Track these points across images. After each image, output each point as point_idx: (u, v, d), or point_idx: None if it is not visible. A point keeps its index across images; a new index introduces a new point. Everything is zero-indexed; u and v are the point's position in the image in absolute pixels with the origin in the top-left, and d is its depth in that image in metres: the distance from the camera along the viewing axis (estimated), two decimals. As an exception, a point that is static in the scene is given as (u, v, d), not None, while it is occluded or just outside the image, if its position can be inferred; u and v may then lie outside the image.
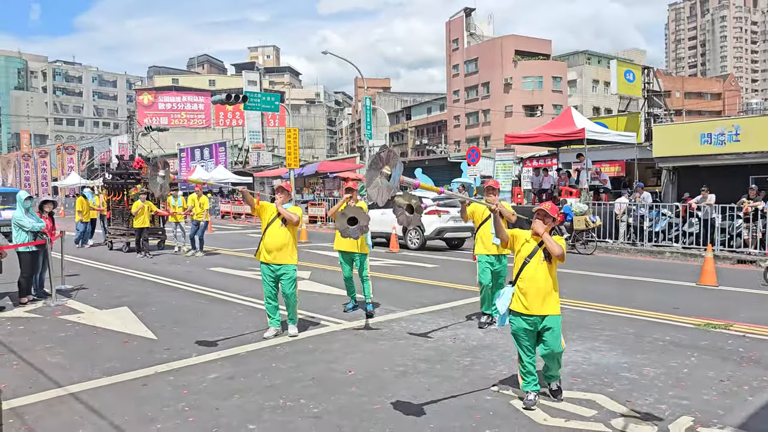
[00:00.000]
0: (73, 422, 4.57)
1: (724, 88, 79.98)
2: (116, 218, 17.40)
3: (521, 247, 4.85)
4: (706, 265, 11.03)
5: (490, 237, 7.11)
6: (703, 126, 19.35)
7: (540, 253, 4.73)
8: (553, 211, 4.82)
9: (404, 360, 6.16)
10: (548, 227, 4.78)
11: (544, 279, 4.70)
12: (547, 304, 4.70)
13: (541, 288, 4.69)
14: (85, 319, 8.16)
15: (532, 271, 4.73)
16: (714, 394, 5.15)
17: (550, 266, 4.73)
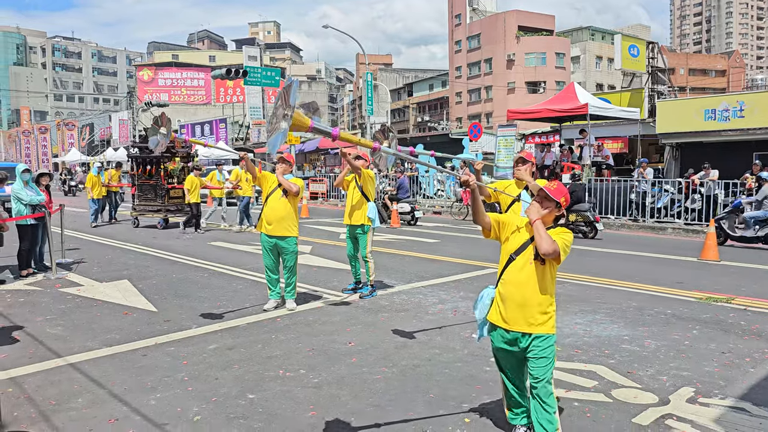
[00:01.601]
0: (72, 391, 4.56)
1: (729, 65, 79.26)
2: (146, 194, 16.61)
3: (510, 237, 3.59)
4: (708, 240, 10.99)
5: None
6: (708, 102, 19.18)
7: (531, 249, 3.45)
8: (558, 192, 3.49)
9: (405, 332, 6.14)
10: (547, 214, 3.49)
11: (531, 285, 3.42)
12: (532, 319, 3.43)
13: (527, 297, 3.42)
14: (85, 292, 8.15)
15: (516, 272, 3.48)
16: (715, 365, 5.13)
17: (543, 268, 3.43)
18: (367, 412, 4.16)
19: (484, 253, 11.02)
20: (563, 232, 3.48)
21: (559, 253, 3.35)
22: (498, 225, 3.64)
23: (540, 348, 3.42)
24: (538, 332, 3.43)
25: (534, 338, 3.43)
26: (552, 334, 3.47)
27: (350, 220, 7.71)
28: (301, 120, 3.37)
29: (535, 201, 3.55)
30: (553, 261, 3.42)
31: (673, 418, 4.07)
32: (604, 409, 4.20)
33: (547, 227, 3.47)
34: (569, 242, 3.45)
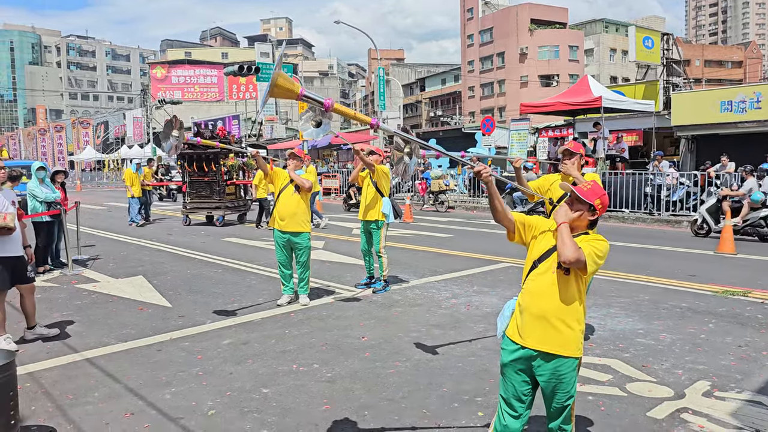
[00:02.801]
0: (89, 385, 4.62)
1: (745, 56, 78.22)
2: (199, 191, 16.18)
3: (535, 243, 3.11)
4: (724, 233, 10.87)
5: None
6: (724, 93, 18.94)
7: (555, 256, 2.94)
8: (593, 194, 2.98)
9: (418, 326, 6.14)
10: (577, 218, 2.99)
11: (551, 296, 2.92)
12: (550, 336, 2.91)
13: (545, 309, 2.92)
14: (101, 288, 8.22)
15: (537, 280, 2.99)
16: (732, 359, 5.08)
17: (567, 279, 2.92)
18: (380, 406, 4.17)
19: (496, 247, 10.97)
20: (595, 240, 2.96)
21: (584, 262, 2.83)
22: (523, 227, 3.14)
23: (558, 374, 2.92)
24: (556, 352, 2.90)
25: (552, 360, 2.92)
26: (575, 357, 2.94)
27: (364, 215, 7.72)
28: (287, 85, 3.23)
29: (565, 202, 3.08)
30: (579, 271, 2.90)
31: (688, 411, 4.04)
32: (619, 403, 4.18)
33: (579, 233, 3.00)
34: (602, 251, 2.91)
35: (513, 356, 3.02)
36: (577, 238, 2.94)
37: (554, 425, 3.07)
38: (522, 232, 3.15)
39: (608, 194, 5.03)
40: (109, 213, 20.63)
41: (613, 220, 15.96)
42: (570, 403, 3.00)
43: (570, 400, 2.99)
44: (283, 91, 3.22)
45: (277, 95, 3.27)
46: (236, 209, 16.29)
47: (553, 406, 3.01)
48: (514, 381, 3.03)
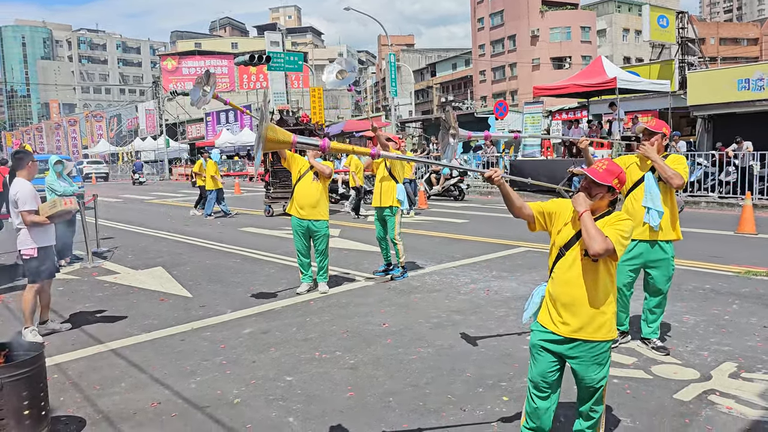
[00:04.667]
0: (114, 376, 4.67)
1: (761, 33, 76.78)
2: (282, 180, 15.32)
3: (559, 231, 3.05)
4: (744, 213, 10.74)
5: (641, 212, 4.66)
6: (741, 71, 18.62)
7: (580, 243, 2.91)
8: (609, 174, 2.90)
9: (438, 312, 6.14)
10: (597, 202, 2.92)
11: (581, 284, 2.91)
12: (586, 325, 2.91)
13: (576, 297, 2.91)
14: (121, 279, 8.30)
15: (565, 269, 2.97)
16: (757, 340, 5.03)
17: (596, 265, 2.89)
18: (405, 392, 4.18)
19: (514, 232, 10.92)
20: (618, 221, 2.90)
21: (613, 250, 2.77)
22: (543, 216, 3.11)
23: (593, 358, 2.93)
24: (591, 338, 2.91)
25: (586, 345, 2.93)
26: (608, 339, 2.95)
27: (379, 202, 7.70)
28: (277, 137, 3.05)
29: (582, 187, 2.97)
30: (608, 257, 2.87)
31: (716, 393, 4.00)
32: (645, 386, 4.15)
33: (600, 214, 2.95)
34: (627, 231, 2.86)
35: (544, 339, 3.03)
36: (599, 221, 2.90)
37: (585, 408, 3.08)
38: (543, 221, 3.12)
39: (624, 176, 4.75)
40: (125, 205, 20.78)
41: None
42: (603, 385, 3.00)
43: (603, 381, 2.99)
44: (276, 144, 3.11)
45: (271, 149, 3.14)
46: None
47: (587, 389, 3.01)
48: (542, 362, 3.03)
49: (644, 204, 4.64)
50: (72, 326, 6.03)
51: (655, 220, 4.60)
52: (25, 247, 5.56)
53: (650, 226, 4.64)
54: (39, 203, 5.65)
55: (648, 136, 4.62)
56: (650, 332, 4.85)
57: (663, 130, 4.64)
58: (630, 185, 4.75)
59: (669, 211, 4.66)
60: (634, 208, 4.70)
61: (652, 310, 4.85)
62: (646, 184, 4.63)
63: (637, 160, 4.74)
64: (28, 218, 5.49)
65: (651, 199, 4.61)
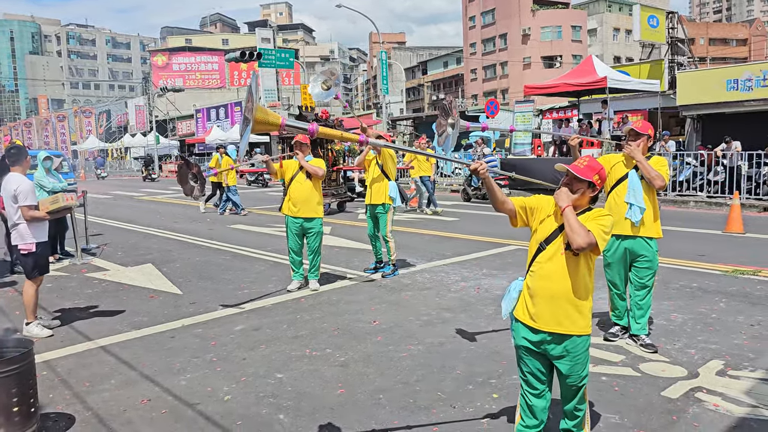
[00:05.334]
0: (104, 373, 4.65)
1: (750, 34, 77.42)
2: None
3: (539, 226, 3.09)
4: (732, 213, 10.84)
5: (623, 208, 4.79)
6: (730, 72, 18.76)
7: (562, 237, 2.96)
8: (590, 170, 2.98)
9: (428, 310, 6.16)
10: (579, 198, 2.99)
11: (561, 278, 2.94)
12: (563, 317, 2.95)
13: (556, 291, 2.94)
14: (111, 276, 8.26)
15: (545, 262, 2.99)
16: (744, 338, 5.09)
17: (576, 259, 2.94)
18: (395, 390, 4.19)
19: (504, 230, 10.96)
20: (599, 216, 2.96)
21: (595, 244, 2.84)
22: (525, 211, 3.15)
23: (573, 354, 2.97)
24: (570, 332, 2.95)
25: (565, 340, 2.96)
26: (587, 334, 3.00)
27: (371, 199, 7.70)
28: (267, 118, 3.01)
29: (563, 183, 3.02)
30: (590, 252, 2.93)
31: (703, 390, 4.05)
32: (633, 383, 4.19)
33: (581, 210, 3.01)
34: (608, 226, 2.93)
35: (526, 338, 3.06)
36: (581, 216, 2.96)
37: (569, 407, 3.12)
38: (524, 216, 3.16)
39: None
40: (114, 202, 20.67)
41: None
42: (584, 384, 3.05)
43: (584, 380, 3.04)
44: (265, 126, 3.05)
45: (258, 130, 3.09)
46: (338, 197, 15.31)
47: (568, 387, 3.06)
48: (529, 361, 3.08)
49: (627, 200, 4.77)
50: (61, 323, 6.00)
51: (636, 216, 4.72)
52: (24, 243, 5.52)
53: (632, 222, 4.75)
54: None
55: (634, 137, 4.75)
56: (639, 328, 4.91)
57: (648, 132, 4.76)
58: (613, 182, 4.88)
59: (650, 209, 4.80)
60: (617, 204, 4.84)
61: (638, 304, 4.91)
62: (630, 181, 4.76)
63: (622, 158, 4.87)
64: (29, 213, 5.46)
65: (634, 195, 4.75)
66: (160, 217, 15.37)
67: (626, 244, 4.85)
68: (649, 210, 4.78)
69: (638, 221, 4.73)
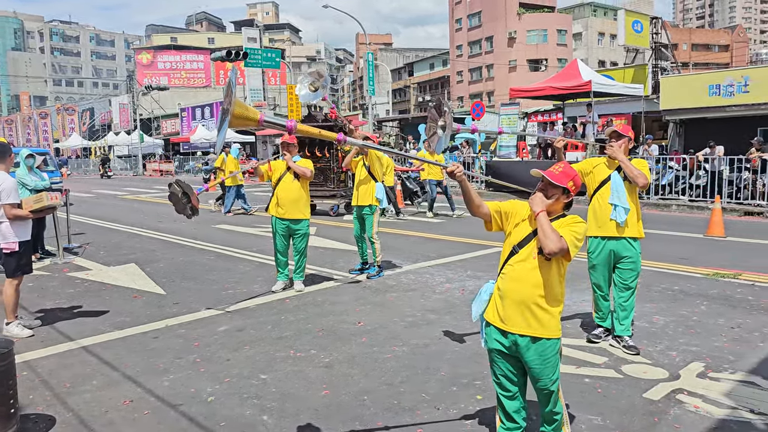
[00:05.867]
0: (86, 374, 4.60)
1: (732, 40, 78.44)
2: (317, 178, 14.26)
3: (514, 229, 3.14)
4: (714, 217, 10.97)
5: (607, 210, 4.86)
6: (712, 77, 19.02)
7: (535, 242, 2.99)
8: (564, 176, 3.00)
9: (413, 311, 6.17)
10: (553, 203, 3.01)
11: (532, 281, 2.97)
12: (533, 320, 2.97)
13: (527, 294, 2.97)
14: (93, 276, 8.18)
15: (517, 266, 3.03)
16: (725, 340, 5.15)
17: (548, 264, 2.98)
18: (379, 391, 4.19)
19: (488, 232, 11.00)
20: (573, 223, 3.00)
21: (567, 250, 2.88)
22: (500, 215, 3.19)
23: (543, 356, 2.98)
24: (539, 335, 2.97)
25: (535, 342, 2.98)
26: (556, 337, 3.02)
27: (357, 200, 7.70)
28: (246, 113, 2.98)
29: (538, 188, 3.05)
30: (562, 258, 2.97)
31: (683, 392, 4.09)
32: (615, 385, 4.23)
33: (555, 216, 3.04)
34: (581, 233, 2.97)
35: (497, 341, 3.09)
36: (554, 222, 2.99)
37: (546, 412, 3.16)
38: (499, 220, 3.20)
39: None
40: (97, 200, 20.47)
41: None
42: (555, 388, 3.07)
43: (555, 384, 3.06)
44: (243, 121, 3.03)
45: (236, 125, 3.07)
46: (346, 198, 14.84)
47: (541, 391, 3.09)
48: (501, 363, 3.12)
49: (611, 201, 4.83)
50: (42, 323, 5.93)
51: (621, 217, 4.79)
52: (7, 242, 5.45)
53: (617, 223, 4.81)
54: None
55: (616, 138, 4.84)
56: (622, 330, 4.97)
57: (629, 134, 4.87)
58: (597, 185, 4.95)
59: (633, 210, 4.87)
60: (601, 206, 4.91)
61: (622, 306, 4.96)
62: (613, 182, 4.83)
63: (604, 161, 4.95)
64: (11, 212, 5.39)
65: (617, 196, 4.82)
66: (143, 216, 15.25)
67: (611, 246, 4.91)
68: (632, 211, 4.85)
69: (623, 222, 4.80)
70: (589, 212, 5.02)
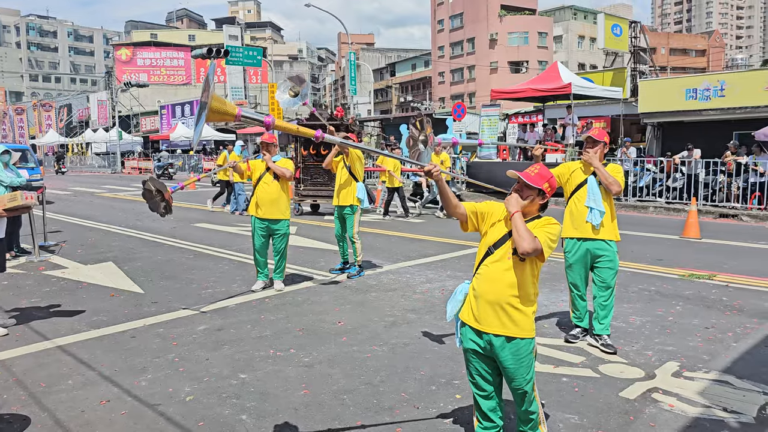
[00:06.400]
0: (61, 373, 4.54)
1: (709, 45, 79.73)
2: (314, 177, 14.64)
3: (490, 230, 3.17)
4: (690, 218, 11.14)
5: (583, 212, 4.98)
6: (689, 81, 19.31)
7: (510, 242, 3.02)
8: (540, 178, 3.06)
9: (393, 311, 6.18)
10: (528, 204, 3.06)
11: (507, 282, 3.01)
12: (507, 319, 3.01)
13: (501, 295, 3.01)
14: (69, 274, 8.07)
15: (492, 267, 3.06)
16: (699, 340, 5.24)
17: (523, 265, 3.01)
18: (359, 390, 4.20)
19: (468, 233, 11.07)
20: (547, 224, 3.04)
21: (541, 250, 2.92)
22: (476, 216, 3.21)
23: (517, 356, 3.02)
24: (513, 335, 3.01)
25: (509, 342, 3.02)
26: (531, 337, 3.06)
27: (338, 200, 7.69)
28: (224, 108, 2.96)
29: (514, 189, 3.09)
30: (536, 258, 3.01)
31: (659, 391, 4.15)
32: (592, 384, 4.28)
33: (531, 217, 3.09)
34: (555, 235, 3.02)
35: (472, 341, 3.12)
36: (529, 223, 3.03)
37: (521, 411, 3.18)
38: (475, 221, 3.23)
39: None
40: (75, 198, 20.18)
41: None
42: (529, 388, 3.10)
43: (529, 384, 3.09)
44: (220, 115, 3.01)
45: (213, 119, 3.05)
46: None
47: (516, 391, 3.12)
48: (476, 363, 3.16)
49: (587, 204, 4.96)
50: (17, 322, 5.84)
51: (596, 219, 4.92)
52: None
53: (592, 225, 4.94)
54: None
55: (592, 144, 4.95)
56: (602, 329, 5.05)
57: (605, 139, 4.98)
58: (573, 188, 5.09)
59: (608, 213, 4.98)
60: (577, 209, 5.04)
61: (602, 305, 5.05)
62: (589, 187, 4.96)
63: (581, 165, 5.07)
64: None
65: (594, 199, 4.95)
66: (121, 214, 15.08)
67: (587, 245, 5.02)
68: (608, 214, 4.97)
69: (598, 224, 4.93)
70: (565, 214, 5.14)
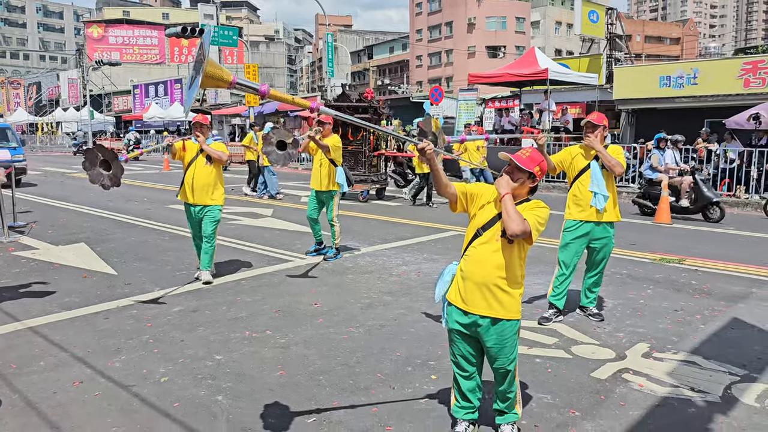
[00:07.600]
0: (33, 355, 4.48)
1: (683, 33, 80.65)
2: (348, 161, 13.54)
3: (478, 212, 3.20)
4: (661, 204, 11.32)
5: (588, 196, 5.13)
6: (663, 68, 19.53)
7: (499, 225, 3.06)
8: (531, 161, 3.09)
9: (370, 293, 6.20)
10: (518, 187, 3.10)
11: (494, 263, 3.06)
12: (494, 301, 3.07)
13: (489, 276, 3.06)
14: (40, 255, 7.93)
15: (480, 248, 3.11)
16: (668, 323, 5.35)
17: (511, 247, 3.07)
18: (335, 371, 4.21)
19: (446, 216, 11.12)
20: (536, 207, 3.08)
21: (529, 233, 2.95)
22: (465, 197, 3.23)
23: (502, 337, 3.08)
24: (500, 316, 3.06)
25: (495, 323, 3.08)
26: (516, 319, 3.12)
27: (319, 184, 7.62)
28: (219, 73, 2.95)
29: (505, 171, 3.12)
30: (523, 241, 3.05)
31: (629, 372, 4.24)
32: (565, 365, 4.35)
33: (520, 200, 3.13)
34: (543, 218, 3.05)
35: (458, 322, 3.19)
36: (519, 206, 3.07)
37: (501, 390, 3.25)
38: (465, 202, 3.25)
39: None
40: (45, 178, 19.78)
41: (557, 190, 16.39)
42: (512, 368, 3.17)
43: (512, 364, 3.16)
44: (214, 81, 2.98)
45: (207, 85, 3.01)
46: (378, 183, 14.55)
47: (498, 371, 3.18)
48: (460, 344, 3.23)
49: (591, 189, 5.12)
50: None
51: (601, 204, 5.10)
52: None
53: (596, 209, 5.11)
54: None
55: (591, 129, 5.06)
56: (588, 302, 5.43)
57: (604, 122, 5.10)
58: (576, 172, 5.24)
59: (611, 196, 5.18)
60: (581, 192, 5.20)
61: (595, 282, 5.42)
62: (592, 171, 5.10)
63: (582, 150, 5.19)
64: None
65: (597, 184, 5.11)
66: (93, 194, 14.81)
67: (588, 227, 5.24)
68: (610, 196, 5.16)
69: (602, 208, 5.11)
70: (569, 197, 5.31)
